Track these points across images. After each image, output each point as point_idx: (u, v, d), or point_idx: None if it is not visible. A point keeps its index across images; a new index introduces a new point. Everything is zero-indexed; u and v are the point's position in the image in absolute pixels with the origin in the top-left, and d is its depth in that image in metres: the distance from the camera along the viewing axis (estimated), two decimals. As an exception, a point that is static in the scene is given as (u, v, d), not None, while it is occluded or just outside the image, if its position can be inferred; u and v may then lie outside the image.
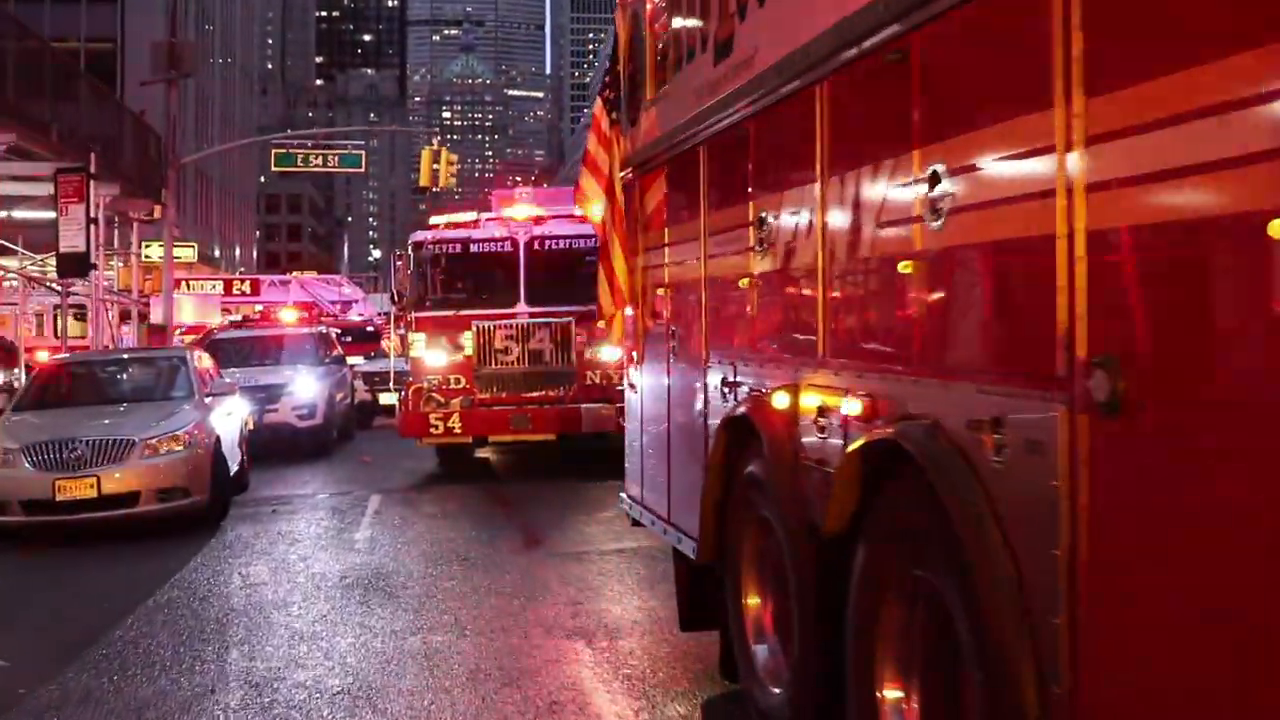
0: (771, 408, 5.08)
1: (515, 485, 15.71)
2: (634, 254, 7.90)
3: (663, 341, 7.13)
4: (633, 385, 8.00)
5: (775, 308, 5.36)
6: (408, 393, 16.55)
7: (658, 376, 7.30)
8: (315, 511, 13.96)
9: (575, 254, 16.96)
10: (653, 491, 7.42)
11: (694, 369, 6.48)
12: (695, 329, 6.49)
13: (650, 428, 7.52)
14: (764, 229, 5.28)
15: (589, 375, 16.44)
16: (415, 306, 16.86)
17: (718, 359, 6.06)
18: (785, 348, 5.18)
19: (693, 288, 6.54)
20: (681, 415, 6.78)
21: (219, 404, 14.24)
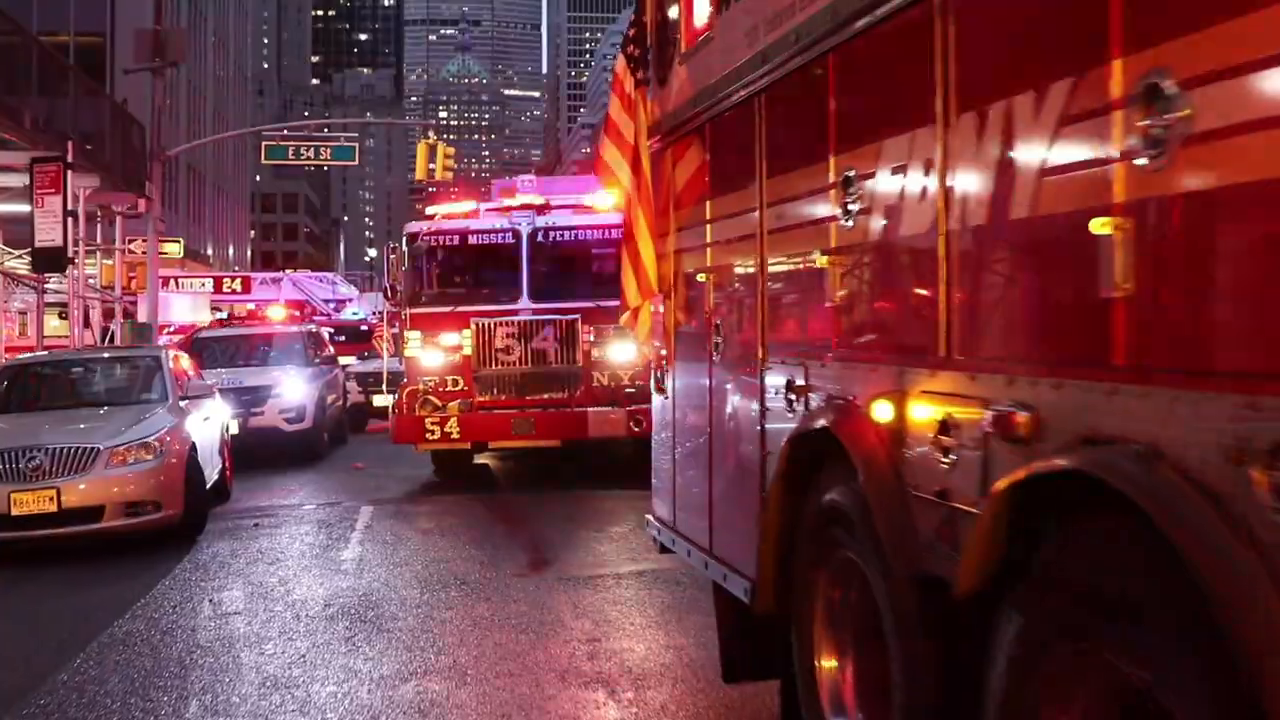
0: (867, 421, 3.93)
1: (517, 495, 14.55)
2: (664, 235, 6.75)
3: (702, 337, 5.98)
4: (662, 389, 6.83)
5: (870, 291, 4.20)
6: (402, 395, 15.38)
7: (695, 379, 6.14)
8: (300, 525, 12.79)
9: (582, 246, 15.83)
10: (689, 516, 6.26)
11: (745, 370, 5.32)
12: (748, 321, 5.34)
13: (685, 440, 6.36)
14: (853, 191, 4.12)
15: (596, 376, 15.28)
16: (410, 303, 15.69)
17: (780, 358, 4.91)
18: (886, 343, 4.02)
19: (745, 271, 5.38)
20: (728, 426, 5.62)
21: (196, 408, 13.07)
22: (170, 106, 63.41)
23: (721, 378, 5.72)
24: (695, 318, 6.26)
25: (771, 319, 5.05)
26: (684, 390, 6.39)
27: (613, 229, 15.81)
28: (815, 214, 4.51)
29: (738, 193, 5.45)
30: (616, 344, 15.26)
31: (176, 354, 14.28)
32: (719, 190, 5.79)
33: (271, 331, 21.45)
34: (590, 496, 14.13)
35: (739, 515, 5.37)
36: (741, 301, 5.49)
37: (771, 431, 4.96)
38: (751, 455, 5.20)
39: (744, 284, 5.42)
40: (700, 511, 5.97)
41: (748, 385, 5.28)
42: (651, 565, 9.69)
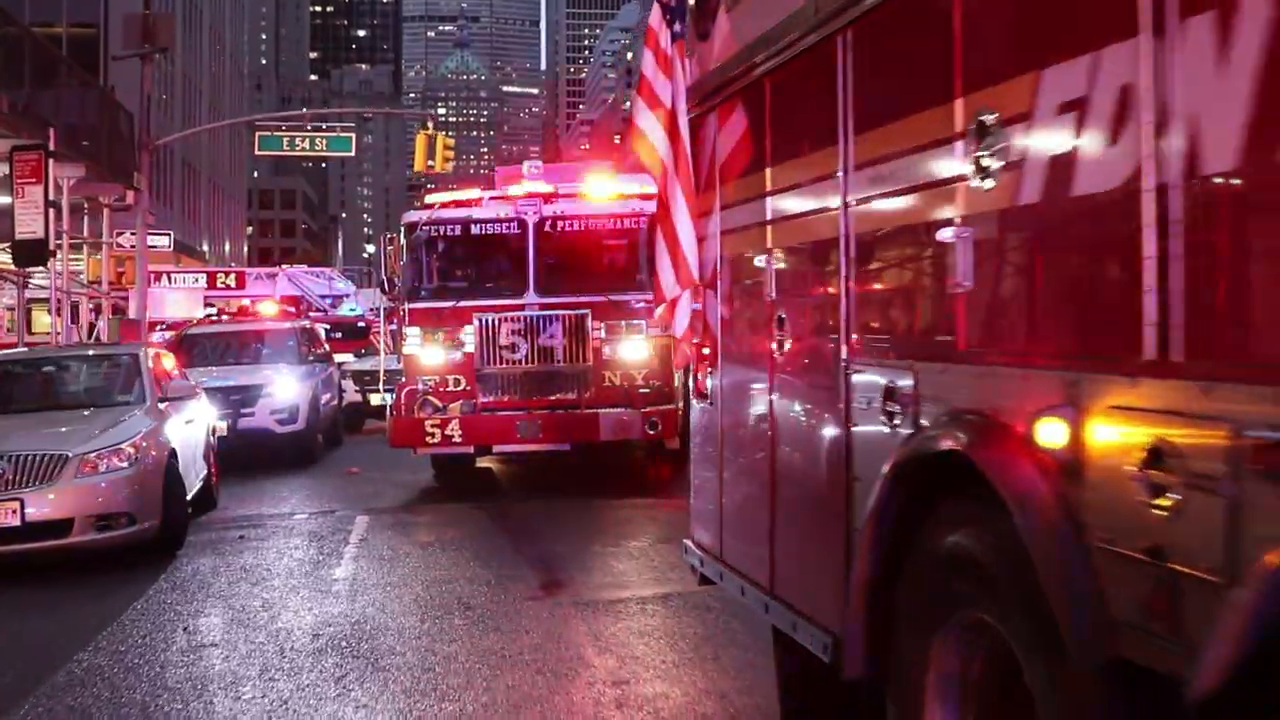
0: (1023, 445, 2.94)
1: (524, 504, 13.54)
2: (705, 214, 5.76)
3: (760, 332, 4.98)
4: (704, 394, 5.84)
5: (1021, 271, 3.20)
6: (400, 395, 14.37)
7: (751, 383, 5.15)
8: (290, 538, 11.79)
9: (592, 236, 14.84)
10: (742, 547, 5.27)
11: (822, 373, 4.33)
12: (826, 312, 4.34)
13: (737, 456, 5.36)
14: (993, 141, 3.13)
15: (608, 376, 14.28)
16: (409, 297, 14.69)
17: (874, 358, 3.91)
18: (1053, 341, 3.01)
19: (822, 251, 4.39)
20: (796, 442, 4.63)
21: (177, 410, 12.07)
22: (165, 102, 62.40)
23: (787, 381, 4.72)
24: (750, 309, 5.27)
25: (860, 309, 4.05)
26: (734, 396, 5.39)
27: (625, 218, 14.84)
28: (930, 174, 3.51)
29: (811, 156, 4.45)
30: (629, 341, 14.28)
31: (157, 352, 13.26)
32: (783, 156, 4.78)
33: (263, 328, 20.46)
34: (603, 505, 13.13)
35: (813, 551, 4.38)
36: (816, 288, 4.50)
37: (861, 450, 3.97)
38: (831, 479, 4.21)
39: (820, 266, 4.43)
40: (758, 543, 4.97)
41: (825, 391, 4.28)
42: (677, 588, 8.70)
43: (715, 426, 5.63)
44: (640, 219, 14.58)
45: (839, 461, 4.13)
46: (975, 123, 3.20)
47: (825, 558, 4.23)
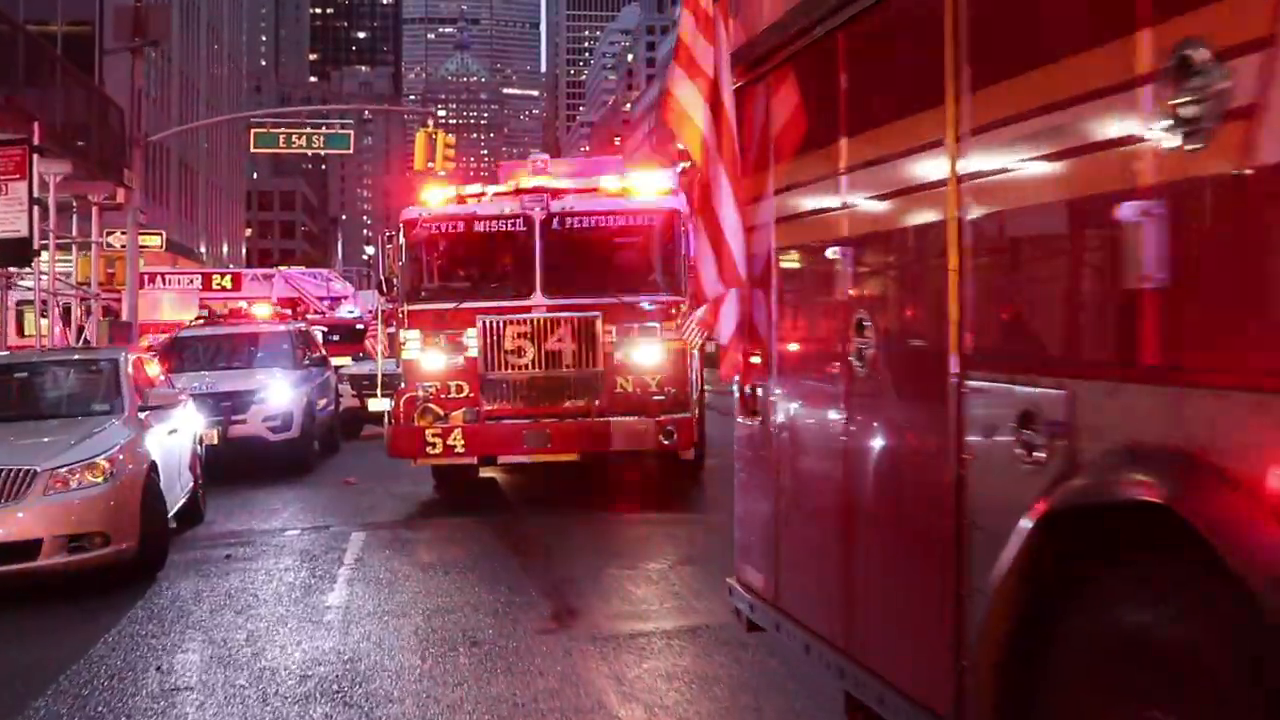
0: (1271, 501, 2.11)
1: (531, 519, 12.68)
2: (755, 200, 4.93)
3: (829, 337, 4.16)
4: (753, 410, 5.00)
5: (1252, 257, 2.36)
6: (399, 403, 13.51)
7: (818, 399, 4.32)
8: (280, 557, 10.94)
9: (602, 234, 13.99)
10: (804, 593, 4.44)
11: (921, 390, 3.51)
12: (928, 312, 3.52)
13: (799, 486, 4.53)
14: (1200, 81, 2.29)
15: (620, 382, 13.42)
16: (408, 298, 13.84)
17: (1003, 373, 3.08)
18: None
19: (923, 236, 3.55)
20: (884, 474, 3.80)
21: (159, 419, 11.24)
22: (162, 101, 61.57)
23: (869, 398, 3.88)
24: (817, 311, 4.44)
25: (981, 309, 3.22)
26: (794, 413, 4.56)
27: (637, 215, 13.98)
28: (1092, 133, 2.68)
29: (904, 123, 3.62)
30: (642, 345, 13.43)
31: (139, 357, 12.40)
32: (863, 124, 3.95)
33: (256, 331, 19.57)
34: (616, 521, 12.32)
35: (908, 611, 3.55)
36: (914, 283, 3.67)
37: (982, 489, 3.14)
38: (934, 523, 3.38)
39: (920, 256, 3.60)
40: (828, 592, 4.14)
41: (926, 412, 3.45)
42: (705, 619, 7.88)
43: (768, 448, 4.80)
44: (654, 216, 13.77)
45: (946, 502, 3.29)
46: (1176, 58, 2.37)
47: (925, 620, 3.40)
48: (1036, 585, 2.81)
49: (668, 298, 13.58)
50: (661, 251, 13.92)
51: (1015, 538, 2.83)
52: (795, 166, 4.48)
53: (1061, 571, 2.74)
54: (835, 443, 4.07)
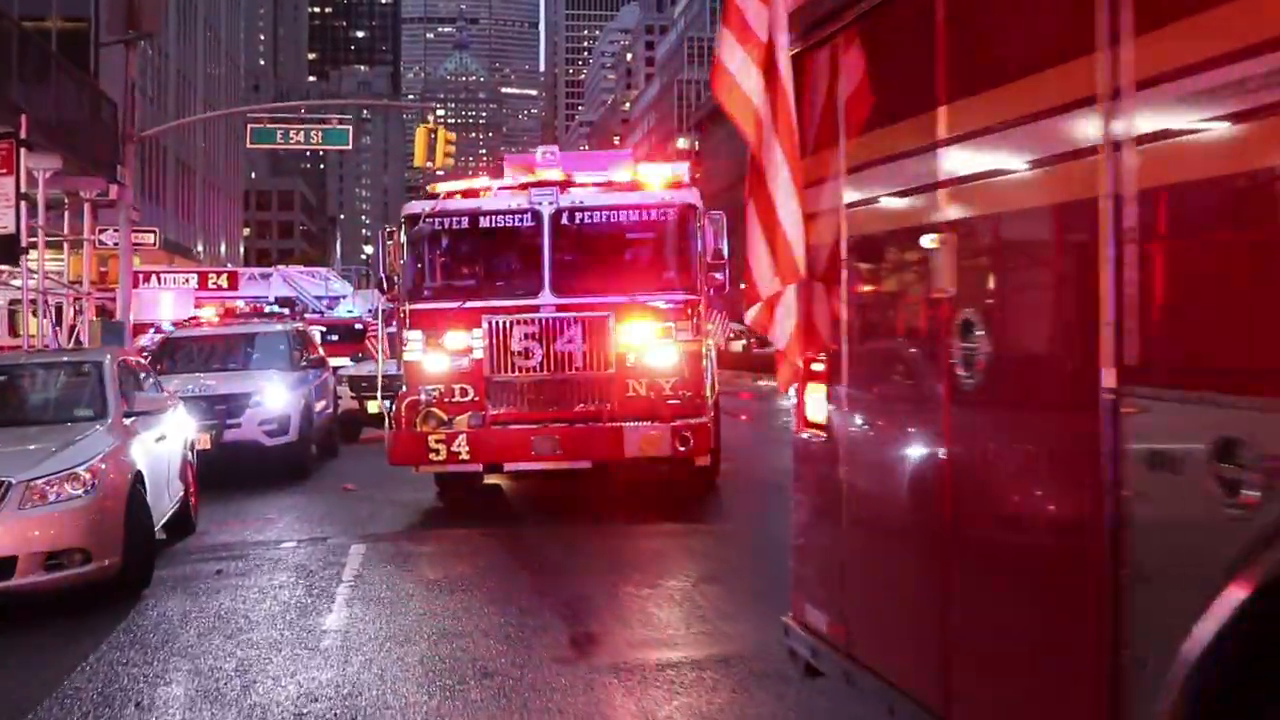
0: None
1: (540, 530, 12.01)
2: (817, 183, 4.27)
3: (922, 341, 3.49)
4: (816, 423, 4.34)
5: None
6: (400, 406, 12.84)
7: (906, 413, 3.65)
8: (275, 572, 10.26)
9: (614, 230, 13.34)
10: (887, 643, 3.78)
11: (1057, 407, 2.84)
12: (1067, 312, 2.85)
13: (878, 517, 3.86)
14: None
15: (633, 385, 12.76)
16: (410, 297, 13.17)
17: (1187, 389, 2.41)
18: None
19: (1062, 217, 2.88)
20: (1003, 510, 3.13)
21: (146, 425, 10.56)
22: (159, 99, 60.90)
23: (980, 415, 3.21)
24: (905, 309, 3.78)
25: (1153, 310, 2.55)
26: (874, 430, 3.90)
27: (651, 209, 13.29)
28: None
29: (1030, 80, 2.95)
30: (656, 346, 12.77)
31: (125, 359, 11.71)
32: (971, 86, 3.28)
33: (252, 331, 18.88)
34: (629, 532, 11.66)
35: (1039, 676, 2.88)
36: (1049, 277, 3.00)
37: (1154, 537, 2.47)
38: (1077, 573, 2.71)
39: (1058, 243, 2.93)
40: (917, 645, 3.48)
41: (1066, 435, 2.78)
42: (737, 647, 7.25)
43: (836, 469, 4.13)
44: (668, 211, 13.10)
45: (1095, 549, 2.63)
46: None
47: (1063, 691, 2.73)
48: (1244, 670, 2.15)
49: (683, 296, 12.92)
50: (676, 248, 13.26)
51: (1216, 605, 2.17)
52: (875, 140, 3.82)
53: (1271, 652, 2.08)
54: (932, 467, 3.41)
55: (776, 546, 11.19)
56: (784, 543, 10.93)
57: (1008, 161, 3.06)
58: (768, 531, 11.89)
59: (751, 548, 10.84)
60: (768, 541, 11.24)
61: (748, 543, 11.07)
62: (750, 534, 11.55)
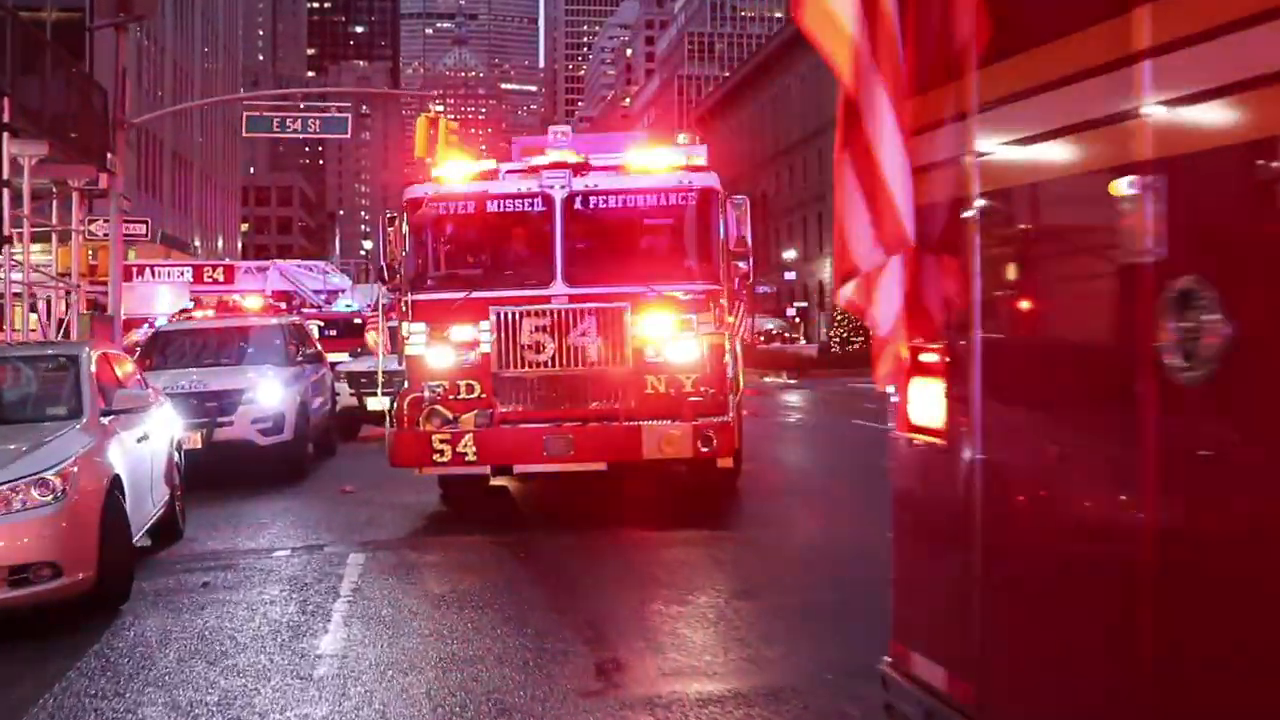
0: None
1: (554, 537, 11.15)
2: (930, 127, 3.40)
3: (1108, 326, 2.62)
4: (933, 432, 3.47)
5: None
6: (401, 404, 11.98)
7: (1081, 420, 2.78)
8: (266, 585, 9.40)
9: (631, 215, 12.50)
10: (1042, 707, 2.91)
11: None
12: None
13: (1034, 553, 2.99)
14: None
15: (651, 381, 11.91)
16: (413, 287, 12.30)
17: None
18: None
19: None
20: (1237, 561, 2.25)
21: (127, 425, 9.71)
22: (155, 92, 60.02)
23: (1208, 425, 2.34)
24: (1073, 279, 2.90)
25: None
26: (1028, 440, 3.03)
27: (670, 193, 12.40)
28: None
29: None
30: (676, 339, 11.92)
31: (105, 353, 10.84)
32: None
33: (246, 324, 18.02)
34: (651, 540, 10.82)
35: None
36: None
37: None
38: None
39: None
40: None
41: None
42: (785, 679, 6.42)
43: (960, 485, 3.26)
44: (688, 194, 12.23)
45: None
46: None
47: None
48: None
49: (704, 286, 12.07)
50: (697, 234, 12.40)
51: None
52: (1028, 64, 2.96)
53: None
54: (1126, 490, 2.55)
55: (812, 555, 10.39)
56: (820, 551, 10.10)
57: (1256, 68, 2.18)
58: (799, 539, 11.06)
59: (784, 557, 10.01)
60: (802, 550, 10.41)
61: (780, 552, 10.23)
62: (781, 542, 10.71)
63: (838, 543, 10.42)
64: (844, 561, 9.35)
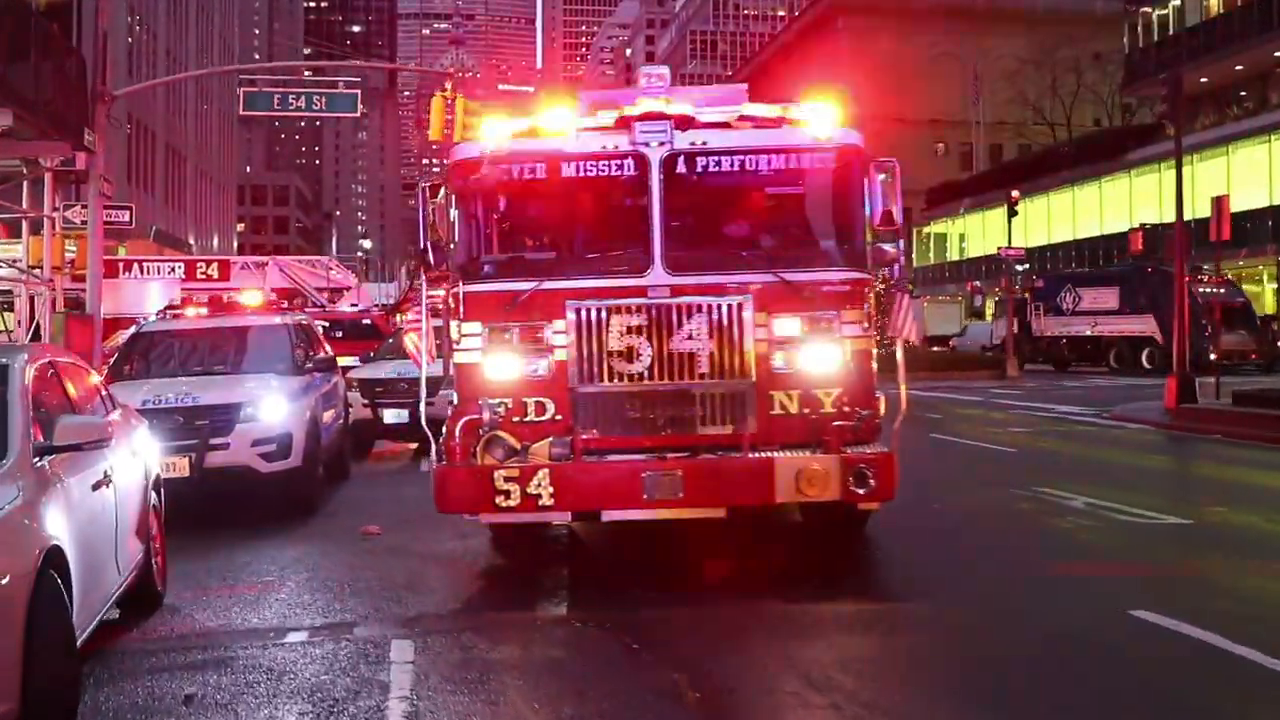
0: None
1: (662, 612, 8.18)
2: None
3: None
4: None
5: None
6: (453, 429, 9.05)
7: None
8: (275, 705, 6.44)
9: (753, 183, 9.60)
10: None
11: None
12: None
13: None
14: None
15: (779, 399, 9.05)
16: (464, 275, 9.38)
17: None
18: None
19: None
20: None
21: (76, 466, 6.76)
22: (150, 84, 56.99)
23: None
24: None
25: None
26: None
27: (802, 154, 9.39)
28: None
29: None
30: (814, 342, 9.04)
31: (54, 361, 7.82)
32: None
33: (243, 324, 15.02)
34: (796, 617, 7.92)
35: None
36: None
37: None
38: None
39: None
40: None
41: None
42: None
43: None
44: (827, 156, 9.32)
45: None
46: None
47: None
48: None
49: (849, 274, 9.20)
50: (837, 207, 9.52)
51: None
52: None
53: None
54: None
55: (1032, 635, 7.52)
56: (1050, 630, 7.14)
57: None
58: (999, 610, 8.07)
59: (998, 645, 7.08)
60: (1016, 630, 7.46)
61: (986, 635, 7.33)
62: (978, 621, 7.79)
63: (1071, 619, 7.51)
64: (1105, 656, 6.45)
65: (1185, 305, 24.23)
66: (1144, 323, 39.40)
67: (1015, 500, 12.88)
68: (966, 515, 12.02)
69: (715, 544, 10.09)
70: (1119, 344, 41.00)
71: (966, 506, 12.62)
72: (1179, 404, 22.96)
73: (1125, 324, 40.02)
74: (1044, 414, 24.58)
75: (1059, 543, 10.59)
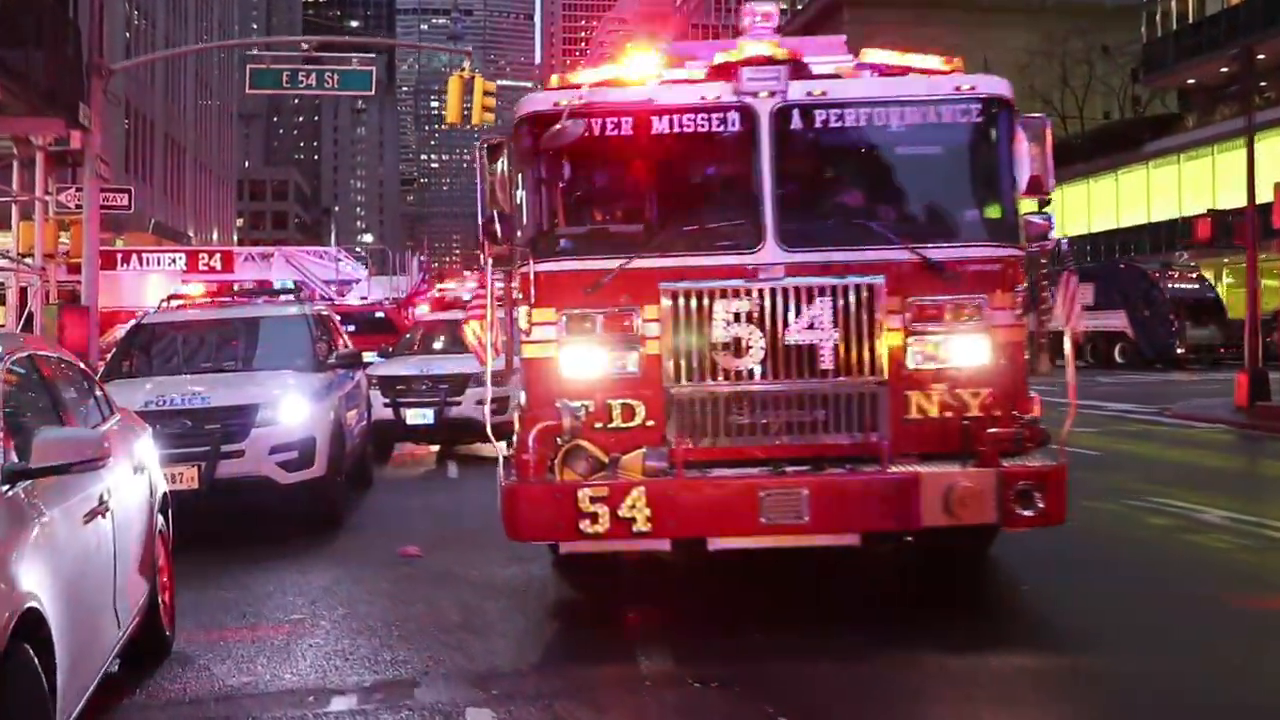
0: None
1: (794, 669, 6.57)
2: None
3: None
4: None
5: None
6: (525, 436, 7.41)
7: None
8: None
9: (881, 141, 7.96)
10: None
11: None
12: None
13: None
14: None
15: (917, 400, 7.46)
16: (534, 250, 7.73)
17: None
18: None
19: None
20: None
21: (61, 493, 5.15)
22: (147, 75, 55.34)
23: None
24: None
25: None
26: None
27: (942, 106, 7.77)
28: None
29: None
30: (960, 333, 7.44)
31: (34, 355, 6.20)
32: None
33: (257, 315, 13.38)
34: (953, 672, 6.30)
35: None
36: None
37: None
38: None
39: None
40: None
41: None
42: None
43: None
44: (967, 109, 7.71)
45: None
46: None
47: None
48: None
49: (1000, 249, 7.61)
50: (981, 171, 7.90)
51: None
52: None
53: None
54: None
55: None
56: None
57: None
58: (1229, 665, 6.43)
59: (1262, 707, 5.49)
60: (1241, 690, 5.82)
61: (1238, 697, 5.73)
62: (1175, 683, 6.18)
63: None
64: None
65: (1258, 297, 22.70)
66: (1117, 318, 39.01)
67: (1140, 513, 11.30)
68: (1097, 534, 10.42)
69: (812, 570, 8.46)
70: (1095, 339, 40.34)
71: (1090, 523, 11.02)
72: (1252, 402, 21.42)
73: (1100, 320, 39.25)
74: (1098, 412, 23.01)
75: (1229, 569, 9.00)
